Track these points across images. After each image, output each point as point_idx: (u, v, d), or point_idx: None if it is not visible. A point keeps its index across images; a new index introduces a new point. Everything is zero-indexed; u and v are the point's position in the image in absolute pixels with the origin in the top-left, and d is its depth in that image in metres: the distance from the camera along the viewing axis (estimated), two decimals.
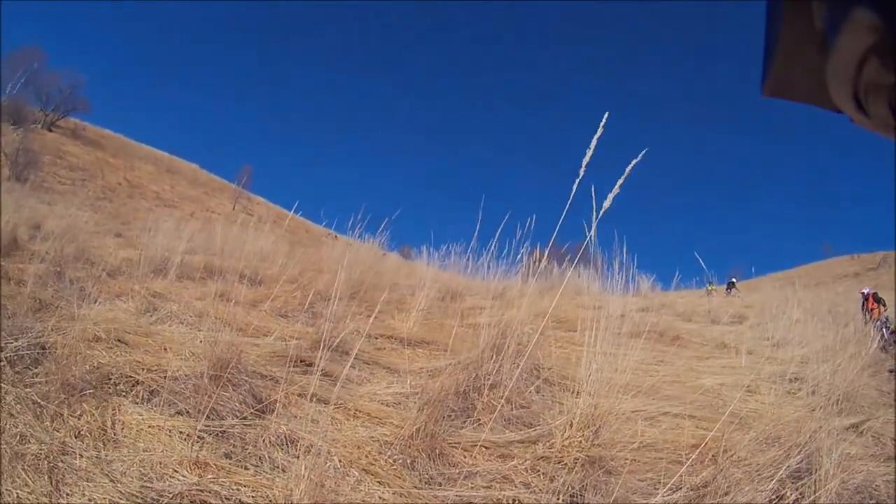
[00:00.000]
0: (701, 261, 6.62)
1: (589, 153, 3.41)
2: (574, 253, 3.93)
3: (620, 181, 3.37)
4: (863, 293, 13.32)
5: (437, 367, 4.72)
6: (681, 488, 3.16)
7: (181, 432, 3.23)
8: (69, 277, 6.29)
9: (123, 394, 3.59)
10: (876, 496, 3.62)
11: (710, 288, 15.73)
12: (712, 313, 9.39)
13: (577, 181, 3.51)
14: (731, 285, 26.77)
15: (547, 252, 4.57)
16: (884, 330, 8.87)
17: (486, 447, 3.37)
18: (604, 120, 3.45)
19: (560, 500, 3.04)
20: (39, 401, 3.31)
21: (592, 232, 3.54)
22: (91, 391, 3.48)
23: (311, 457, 2.88)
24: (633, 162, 3.45)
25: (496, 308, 5.02)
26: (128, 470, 2.88)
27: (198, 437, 3.20)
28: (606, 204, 3.44)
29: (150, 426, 3.26)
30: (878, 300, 12.80)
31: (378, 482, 3.07)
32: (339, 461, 3.20)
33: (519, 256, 5.24)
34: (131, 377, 3.73)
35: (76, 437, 3.07)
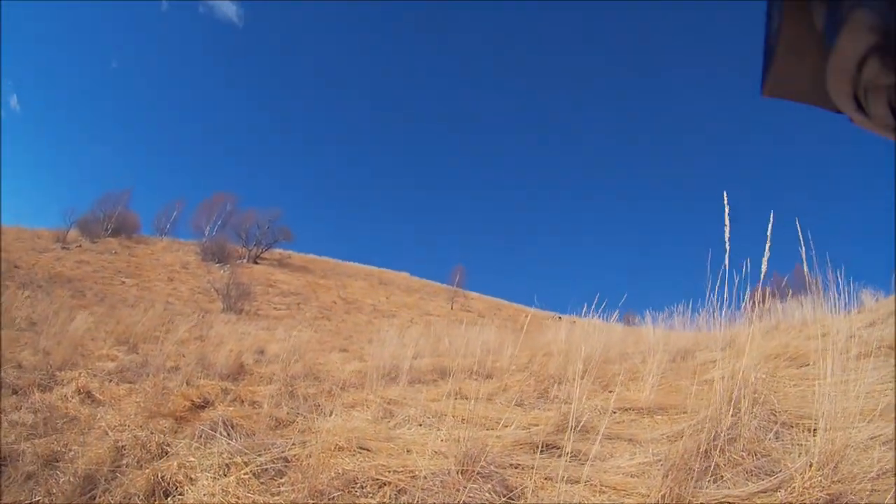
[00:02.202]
0: None
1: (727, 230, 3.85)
2: (791, 286, 4.12)
3: (767, 252, 3.75)
4: None
5: (676, 431, 4.91)
6: None
7: None
8: (301, 395, 7.11)
9: (371, 495, 4.05)
10: None
11: None
12: None
13: (727, 255, 3.96)
14: None
15: (766, 291, 4.70)
16: None
17: (729, 502, 3.53)
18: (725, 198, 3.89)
19: None
20: None
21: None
22: (338, 494, 3.98)
23: None
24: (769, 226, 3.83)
25: (727, 359, 5.18)
26: None
27: None
28: (764, 268, 3.84)
29: None
30: None
31: None
32: None
33: (742, 302, 5.44)
34: (378, 479, 4.20)
35: None
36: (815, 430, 3.81)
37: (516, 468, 4.39)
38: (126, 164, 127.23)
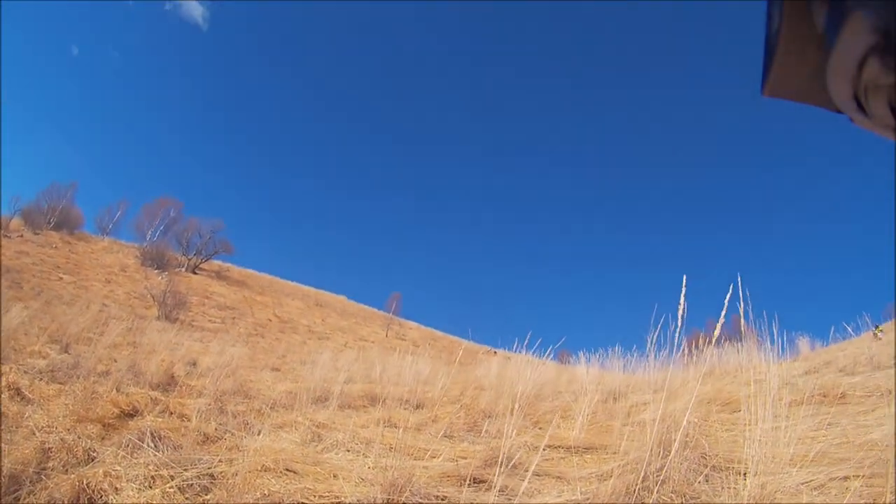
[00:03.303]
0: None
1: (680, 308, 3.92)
2: (729, 334, 4.19)
3: (721, 319, 3.81)
4: None
5: (605, 470, 4.91)
6: None
7: None
8: (230, 411, 6.98)
9: None
10: None
11: (878, 331, 14.48)
12: (875, 359, 8.94)
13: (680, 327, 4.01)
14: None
15: (702, 338, 4.78)
16: None
17: None
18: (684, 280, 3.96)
19: None
20: None
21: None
22: None
23: None
24: (727, 296, 3.91)
25: (660, 402, 5.27)
26: None
27: None
28: (716, 333, 3.91)
29: None
30: None
31: None
32: None
33: (676, 346, 5.54)
34: (303, 503, 4.16)
35: None
36: (745, 474, 3.87)
37: (443, 500, 4.38)
38: (75, 156, 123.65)
